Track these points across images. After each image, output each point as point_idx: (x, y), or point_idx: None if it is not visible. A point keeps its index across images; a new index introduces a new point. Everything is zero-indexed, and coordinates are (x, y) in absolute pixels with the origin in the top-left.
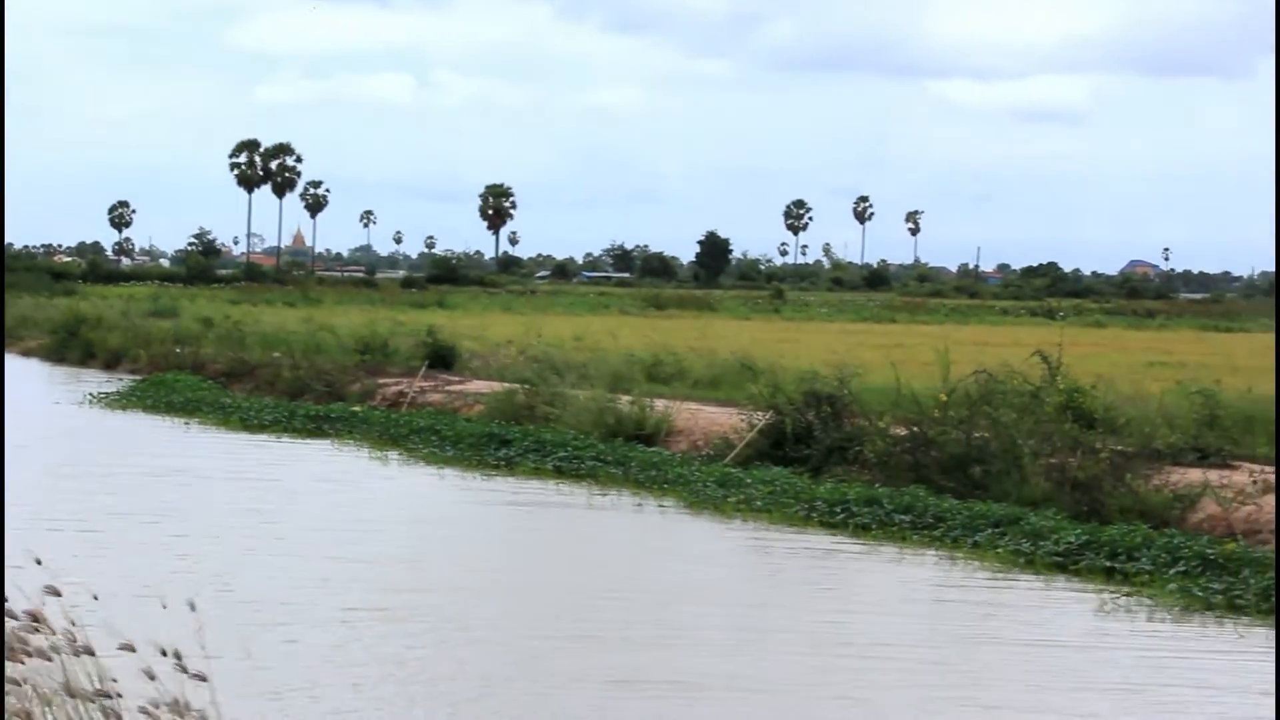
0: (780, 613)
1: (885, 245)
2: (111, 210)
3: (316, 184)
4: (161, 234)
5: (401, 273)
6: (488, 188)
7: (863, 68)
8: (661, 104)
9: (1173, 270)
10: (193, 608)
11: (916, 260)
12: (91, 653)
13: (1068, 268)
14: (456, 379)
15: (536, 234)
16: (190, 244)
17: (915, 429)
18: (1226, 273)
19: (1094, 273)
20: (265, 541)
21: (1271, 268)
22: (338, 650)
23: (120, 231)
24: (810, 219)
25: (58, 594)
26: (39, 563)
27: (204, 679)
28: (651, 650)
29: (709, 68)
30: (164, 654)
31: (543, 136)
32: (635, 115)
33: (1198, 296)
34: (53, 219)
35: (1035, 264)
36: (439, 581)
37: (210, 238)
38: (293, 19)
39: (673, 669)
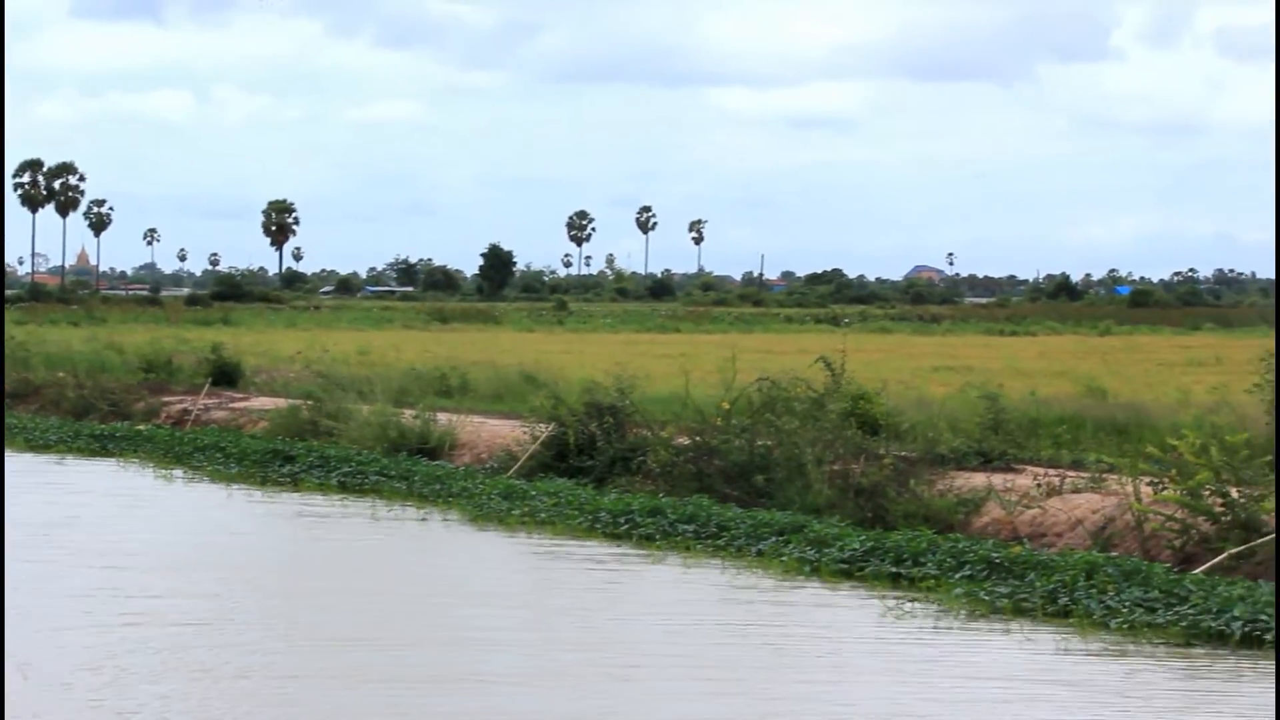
0: (562, 619)
1: (669, 255)
2: None
3: (100, 203)
4: None
5: (186, 290)
6: (270, 204)
7: (638, 77)
8: (438, 117)
9: (958, 275)
10: None
11: (701, 269)
12: None
13: (852, 274)
14: (241, 396)
15: (320, 249)
16: None
17: (698, 438)
18: (1012, 276)
19: (879, 279)
20: (45, 555)
21: (1055, 271)
22: (120, 656)
23: None
24: (593, 230)
25: None
26: None
27: None
28: (433, 649)
29: (483, 80)
30: None
31: (322, 152)
32: (413, 129)
33: (983, 301)
34: None
35: (820, 271)
36: (222, 591)
37: None
38: (68, 37)
39: (457, 668)
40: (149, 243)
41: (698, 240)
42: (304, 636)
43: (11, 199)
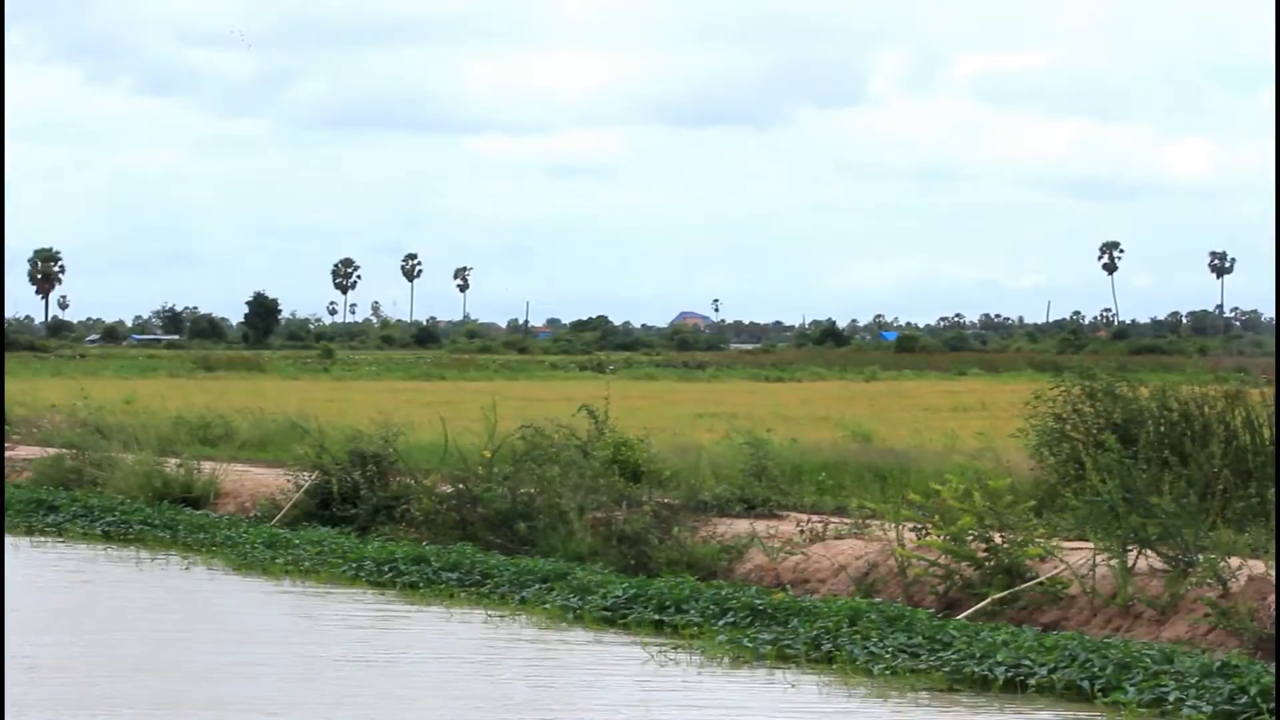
0: (328, 677)
1: (435, 302)
2: None
3: None
4: None
5: None
6: (36, 252)
7: (398, 125)
8: (200, 165)
9: (723, 321)
10: None
11: (466, 317)
12: None
13: (618, 321)
14: (5, 445)
15: (86, 298)
16: None
17: (461, 486)
18: (778, 322)
19: (644, 325)
20: None
21: (821, 316)
22: None
23: None
24: (359, 278)
25: None
26: None
27: None
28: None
29: (243, 128)
30: None
31: (85, 199)
32: (175, 176)
33: (749, 347)
34: None
35: (585, 318)
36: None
37: None
38: None
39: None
40: None
41: (463, 288)
42: (47, 670)
43: None
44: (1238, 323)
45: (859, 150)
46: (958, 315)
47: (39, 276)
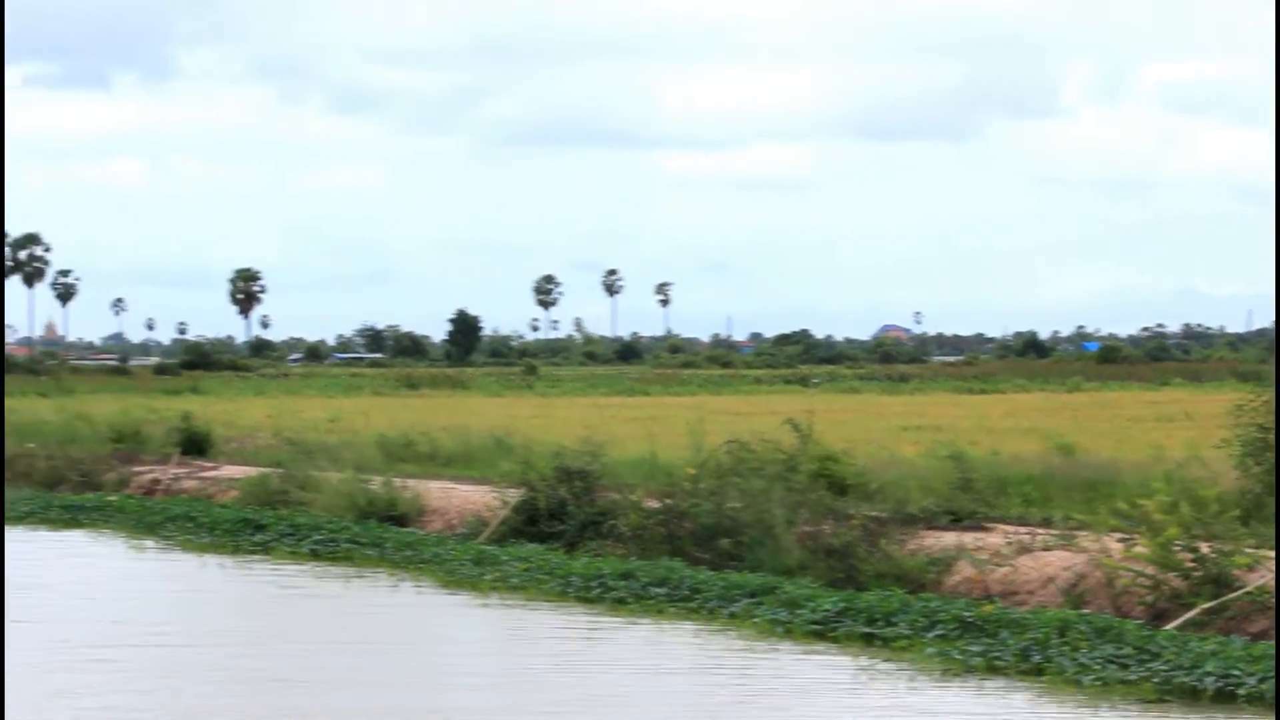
0: (539, 685)
1: (637, 318)
2: None
3: (65, 273)
4: None
5: (154, 359)
6: (237, 272)
7: (590, 142)
8: (395, 183)
9: (925, 333)
10: None
11: (668, 332)
12: None
13: (820, 334)
14: (210, 465)
15: (287, 317)
16: None
17: (668, 501)
18: (980, 334)
19: (847, 339)
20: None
21: (1023, 328)
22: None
23: None
24: (560, 294)
25: None
26: None
27: None
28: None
29: (436, 146)
30: None
31: (281, 219)
32: (370, 195)
33: (951, 359)
34: None
35: (787, 332)
36: (194, 664)
37: None
38: (19, 107)
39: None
40: (116, 312)
41: (664, 302)
42: (259, 682)
43: None
44: None
45: (1051, 162)
46: (1159, 325)
47: (240, 296)
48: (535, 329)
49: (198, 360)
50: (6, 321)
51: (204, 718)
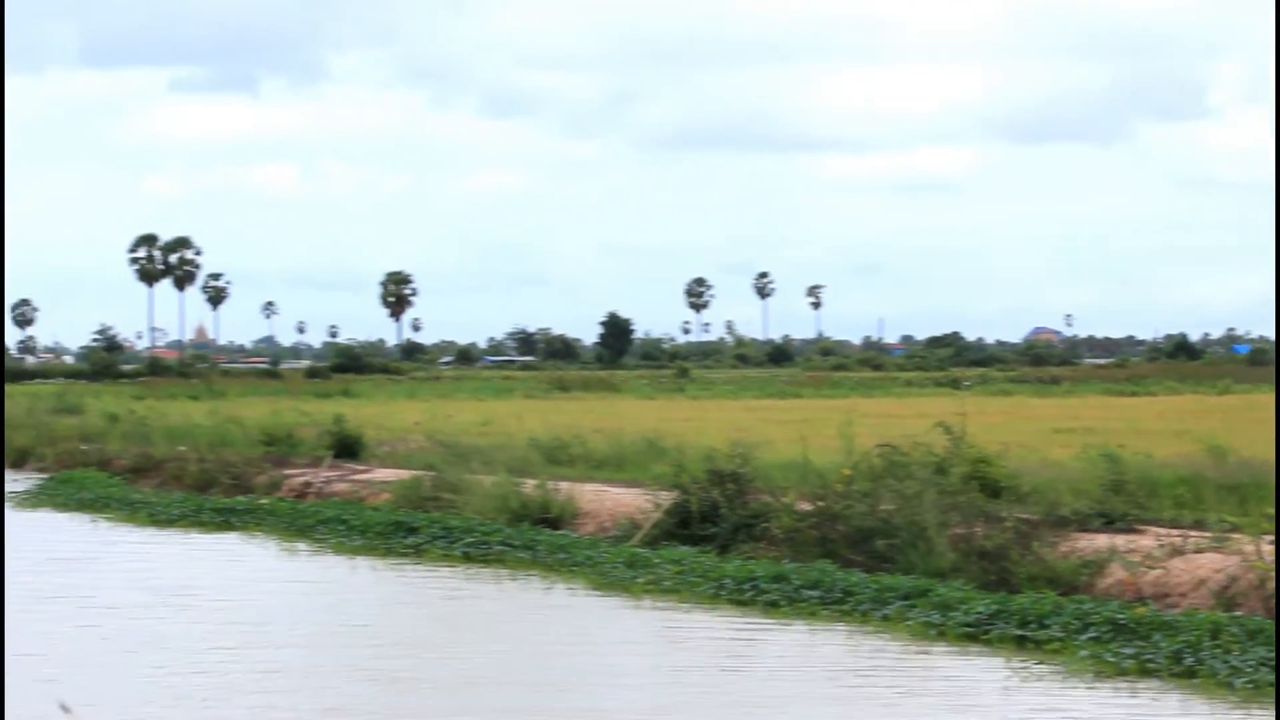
0: (695, 689)
1: (788, 320)
2: (14, 309)
3: (216, 276)
4: (65, 331)
5: (306, 363)
6: (388, 275)
7: (741, 144)
8: (546, 186)
9: (1076, 336)
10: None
11: (820, 334)
12: None
13: (971, 337)
14: (362, 468)
15: (438, 320)
16: (93, 340)
17: (821, 504)
18: (1130, 336)
19: (998, 341)
20: (161, 614)
21: (1173, 330)
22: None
23: (23, 329)
24: (712, 296)
25: None
26: None
27: None
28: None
29: (586, 149)
30: None
31: (432, 222)
32: (521, 198)
33: (1102, 361)
34: None
35: (938, 334)
36: (341, 665)
37: (113, 333)
38: (168, 112)
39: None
40: (267, 315)
41: (816, 305)
42: (407, 682)
43: (128, 273)
44: None
45: (1200, 163)
46: None
47: (391, 299)
48: (687, 331)
49: (349, 363)
50: (154, 324)
51: (351, 717)
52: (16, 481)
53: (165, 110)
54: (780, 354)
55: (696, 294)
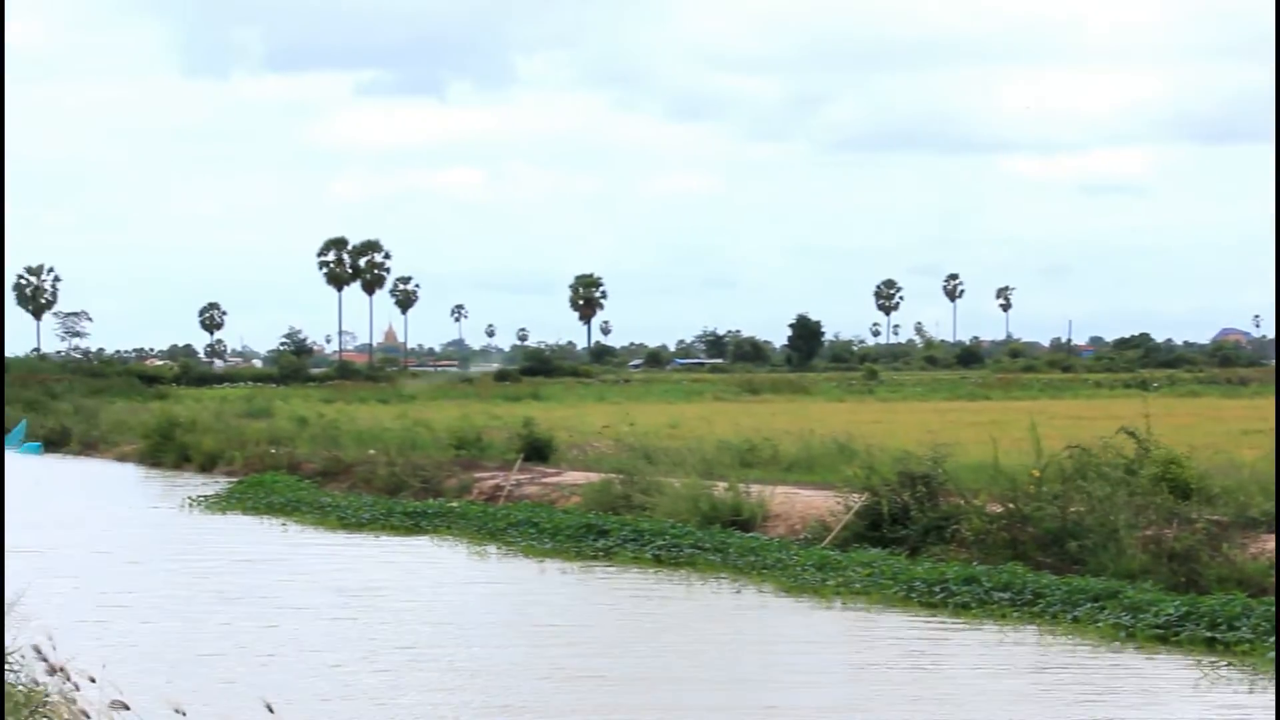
0: (885, 686)
1: (977, 322)
2: (202, 312)
3: (406, 280)
4: (253, 334)
5: (495, 366)
6: (577, 278)
7: (927, 146)
8: (732, 188)
9: (1265, 337)
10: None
11: (1009, 336)
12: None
13: (1159, 338)
14: (553, 470)
15: (627, 322)
16: (282, 344)
17: (1011, 506)
18: None
19: (1186, 342)
20: (352, 614)
21: None
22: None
23: (212, 333)
24: (901, 298)
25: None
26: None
27: None
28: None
29: (772, 151)
30: None
31: (620, 225)
32: (708, 200)
33: None
34: (144, 323)
35: (1127, 336)
36: (537, 666)
37: (301, 337)
38: (354, 116)
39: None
40: (456, 319)
41: (1005, 307)
42: (590, 680)
43: (317, 277)
44: None
45: None
46: None
47: (581, 302)
48: (876, 334)
49: (538, 366)
50: (343, 328)
51: (530, 715)
52: (205, 485)
53: (351, 114)
54: (969, 356)
55: (886, 296)
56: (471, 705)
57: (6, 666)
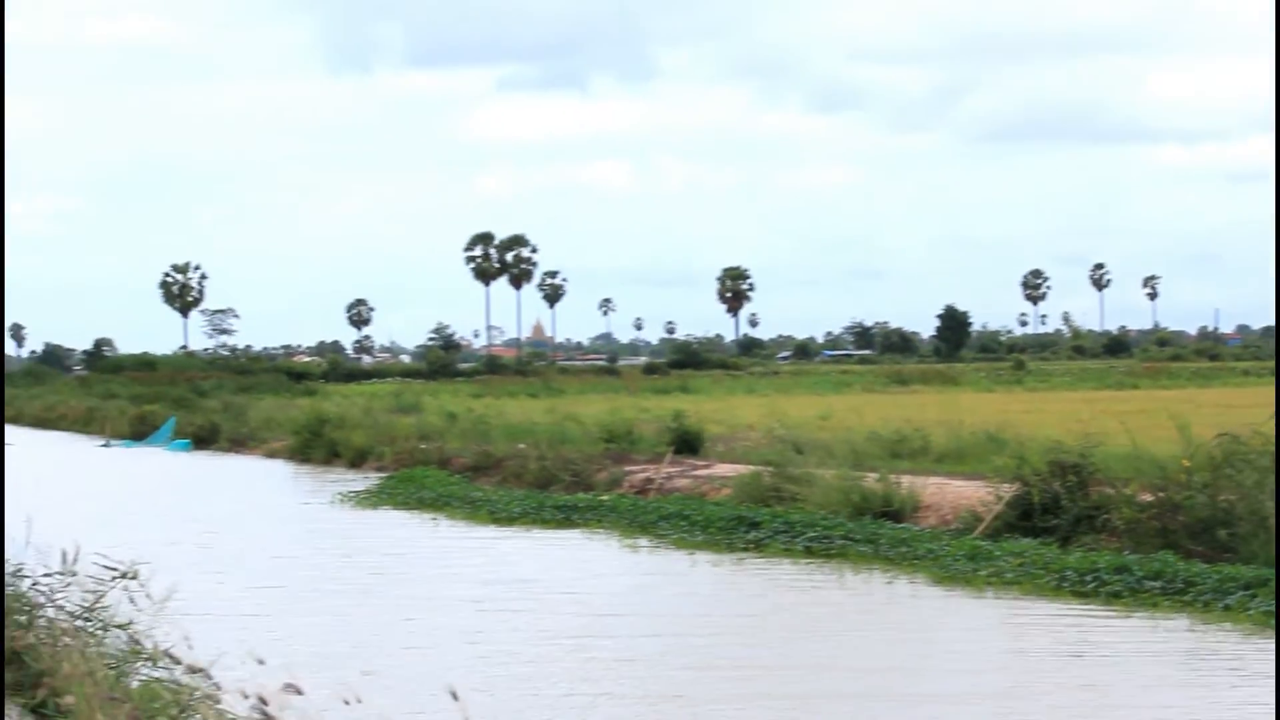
0: (1037, 673)
1: (1124, 311)
2: (350, 308)
3: (553, 274)
4: (400, 330)
5: (643, 359)
6: (725, 270)
7: (1071, 135)
8: (875, 180)
9: None
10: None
11: (1156, 325)
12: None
13: None
14: (703, 463)
15: (775, 315)
16: (430, 339)
17: (1161, 494)
18: None
19: None
20: (515, 606)
21: None
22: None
23: (359, 329)
24: (1048, 288)
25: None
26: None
27: None
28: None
29: (915, 142)
30: None
31: (765, 218)
32: (852, 192)
33: None
34: (291, 320)
35: (1275, 324)
36: (689, 656)
37: (449, 332)
38: (497, 111)
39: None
40: (604, 313)
41: (1152, 296)
42: (743, 669)
43: (464, 272)
44: None
45: None
46: None
47: (728, 295)
48: (1023, 324)
49: (686, 359)
50: (491, 323)
51: (687, 704)
52: (355, 481)
53: (493, 109)
54: (1116, 345)
55: (1033, 286)
56: (626, 695)
57: (152, 665)
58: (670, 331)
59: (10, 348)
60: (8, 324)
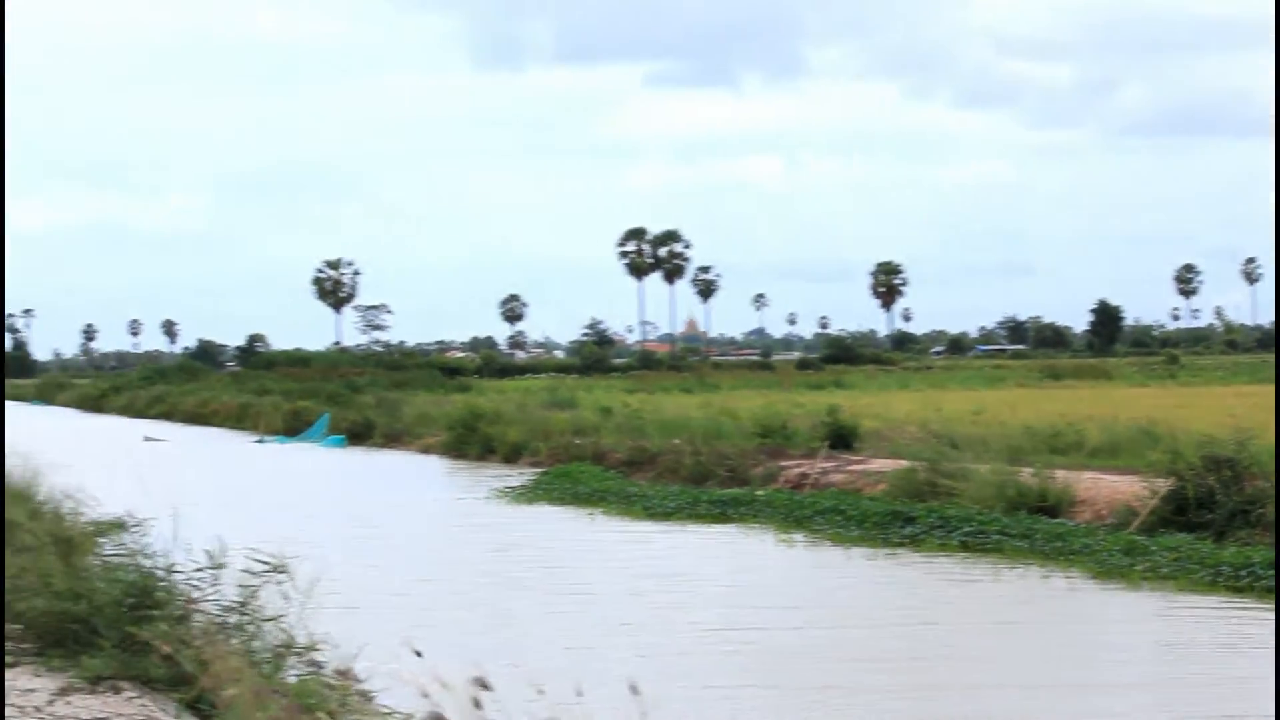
0: (1190, 664)
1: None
2: (503, 304)
3: (705, 269)
4: (553, 325)
5: (796, 354)
6: (878, 265)
7: (1220, 129)
8: (1025, 174)
9: None
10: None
11: None
12: None
13: None
14: (857, 458)
15: (928, 309)
16: (584, 334)
17: None
18: None
19: None
20: (672, 600)
21: None
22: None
23: (512, 325)
24: (1200, 282)
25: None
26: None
27: None
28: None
29: (1064, 137)
30: None
31: (916, 213)
32: (1002, 187)
33: None
34: (444, 315)
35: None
36: (846, 648)
37: (603, 327)
38: (646, 107)
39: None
40: (758, 308)
41: None
42: (898, 661)
43: (617, 268)
44: None
45: None
46: None
47: (881, 290)
48: (1176, 318)
49: (840, 354)
50: (644, 318)
51: (847, 694)
52: (511, 477)
53: (642, 105)
54: (1269, 339)
55: (1185, 280)
56: (782, 686)
57: (308, 667)
58: (824, 326)
59: (163, 343)
60: (159, 320)
